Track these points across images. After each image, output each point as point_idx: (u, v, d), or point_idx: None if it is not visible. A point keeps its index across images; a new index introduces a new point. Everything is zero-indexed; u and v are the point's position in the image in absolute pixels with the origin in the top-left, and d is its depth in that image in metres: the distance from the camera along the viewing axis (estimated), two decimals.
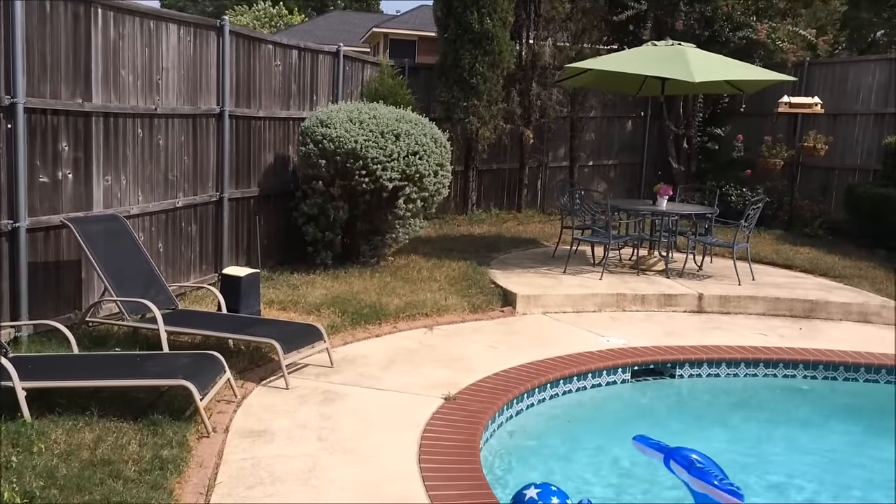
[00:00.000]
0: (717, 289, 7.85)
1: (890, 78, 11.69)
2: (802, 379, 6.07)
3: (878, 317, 7.39)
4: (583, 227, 9.23)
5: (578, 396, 5.56)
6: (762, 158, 11.74)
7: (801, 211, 11.87)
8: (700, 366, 6.03)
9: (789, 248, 10.16)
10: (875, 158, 11.47)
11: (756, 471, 4.63)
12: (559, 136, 13.25)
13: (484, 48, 11.01)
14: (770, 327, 7.07)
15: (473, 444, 4.23)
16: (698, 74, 7.77)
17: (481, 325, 6.72)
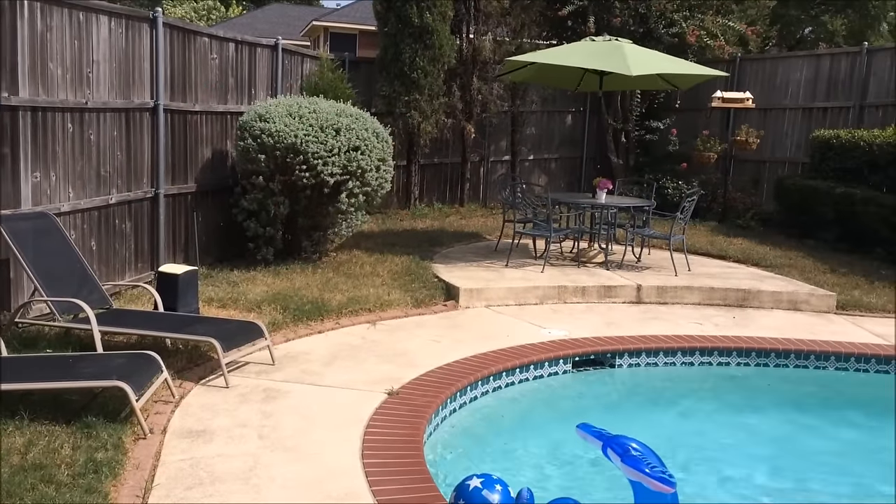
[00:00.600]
0: (654, 280, 8.03)
1: (816, 73, 12.11)
2: (736, 366, 6.25)
3: (807, 304, 7.66)
4: (524, 221, 9.31)
5: (521, 388, 5.62)
6: (697, 152, 12.04)
7: (735, 203, 12.21)
8: (639, 355, 6.16)
9: (723, 239, 10.44)
10: (803, 151, 11.87)
11: (695, 456, 4.76)
12: (500, 131, 13.34)
13: (424, 42, 11.01)
14: (705, 316, 7.25)
15: (417, 438, 4.23)
16: (635, 69, 7.91)
17: (424, 319, 6.73)
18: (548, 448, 4.75)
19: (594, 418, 5.34)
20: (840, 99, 11.77)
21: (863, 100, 11.46)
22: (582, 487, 4.26)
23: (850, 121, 11.49)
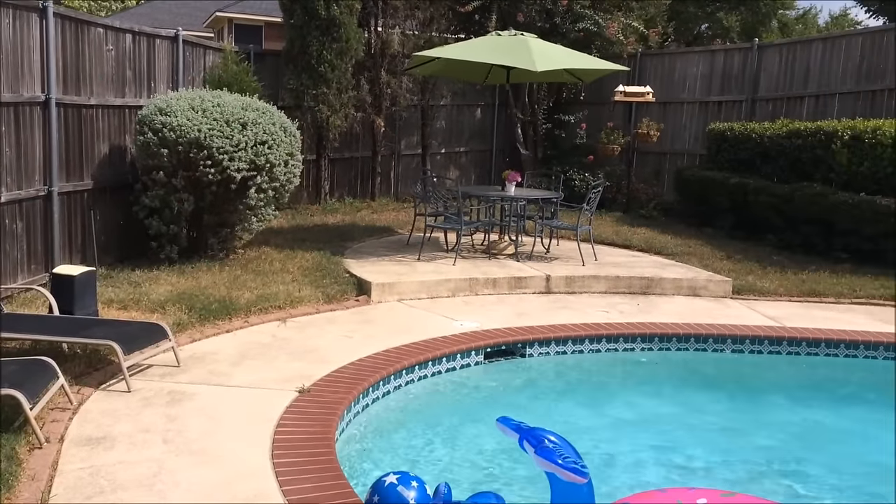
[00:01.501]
0: (563, 270, 8.21)
1: (712, 68, 12.63)
2: (640, 351, 6.47)
3: (706, 290, 8.00)
4: (436, 214, 9.36)
5: (435, 381, 5.65)
6: (602, 145, 12.37)
7: (638, 194, 12.62)
8: (548, 344, 6.29)
9: (627, 229, 10.77)
10: (701, 143, 12.37)
11: (606, 440, 4.90)
12: (411, 124, 13.34)
13: (332, 35, 10.88)
14: (611, 304, 7.47)
15: (329, 435, 4.20)
16: (540, 63, 8.05)
17: (336, 315, 6.67)
18: (464, 440, 4.80)
19: (507, 408, 5.44)
20: (734, 93, 12.32)
21: (754, 94, 12.03)
22: (500, 480, 4.31)
23: (743, 114, 12.05)
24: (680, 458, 4.72)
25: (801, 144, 9.83)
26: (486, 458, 4.55)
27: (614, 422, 5.29)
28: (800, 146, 9.85)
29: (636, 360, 6.39)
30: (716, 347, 6.52)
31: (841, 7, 50.18)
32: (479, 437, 4.82)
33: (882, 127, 8.99)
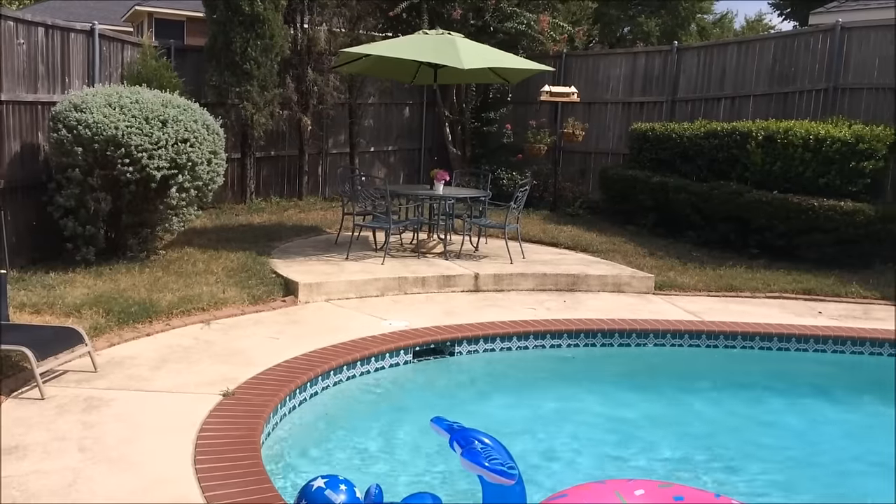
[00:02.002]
0: (491, 268, 8.28)
1: (634, 70, 12.95)
2: (567, 347, 6.58)
3: (630, 286, 8.19)
4: (364, 214, 9.30)
5: (363, 381, 5.62)
6: (529, 144, 12.53)
7: (564, 192, 12.84)
8: (477, 342, 6.33)
9: (554, 227, 10.94)
10: (624, 143, 12.66)
11: (535, 436, 4.96)
12: (339, 123, 13.23)
13: (256, 31, 10.69)
14: (539, 301, 7.57)
15: (254, 439, 4.12)
16: (467, 62, 8.09)
17: (262, 316, 6.56)
18: (395, 440, 4.78)
19: (436, 406, 5.44)
20: (655, 94, 12.66)
21: (674, 95, 12.39)
22: (433, 480, 4.31)
23: (664, 114, 12.39)
24: (610, 450, 4.82)
25: (718, 144, 10.17)
26: (418, 458, 4.54)
27: (544, 417, 5.37)
28: (717, 146, 10.20)
29: (563, 356, 6.50)
30: (639, 342, 6.69)
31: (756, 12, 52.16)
32: (411, 437, 4.82)
33: (793, 128, 9.38)
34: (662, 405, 5.68)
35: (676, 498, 3.03)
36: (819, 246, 9.01)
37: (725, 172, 10.07)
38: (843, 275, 8.60)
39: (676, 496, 3.05)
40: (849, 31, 10.27)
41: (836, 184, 9.02)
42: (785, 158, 9.33)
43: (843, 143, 8.96)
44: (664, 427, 5.25)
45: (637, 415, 5.47)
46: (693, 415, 5.54)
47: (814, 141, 9.11)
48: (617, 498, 3.07)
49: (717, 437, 5.11)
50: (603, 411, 5.52)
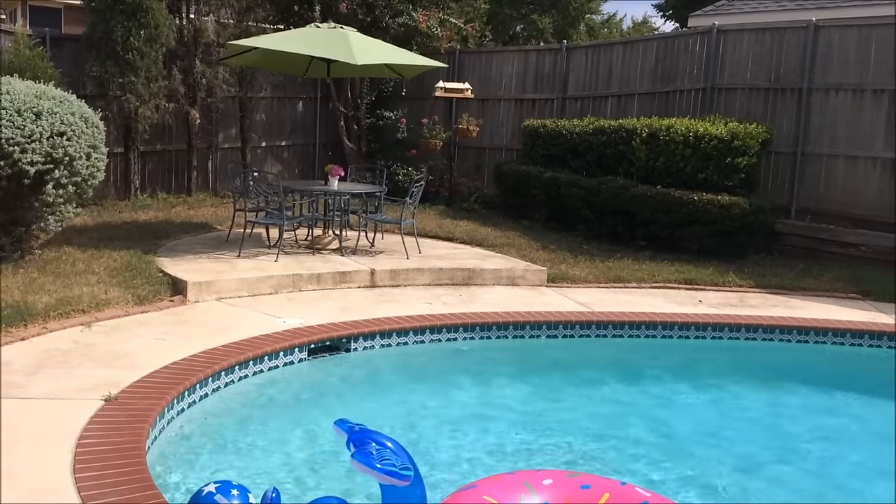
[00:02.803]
0: (387, 263, 8.26)
1: (525, 67, 13.22)
2: (463, 341, 6.65)
3: (524, 279, 8.36)
4: (257, 210, 9.08)
5: (256, 381, 5.49)
6: (424, 139, 12.57)
7: (460, 187, 12.96)
8: (373, 338, 6.30)
9: (450, 222, 11.03)
10: (517, 139, 12.90)
11: (434, 430, 4.98)
12: (229, 117, 12.86)
13: (139, 21, 10.25)
14: (435, 296, 7.62)
15: (139, 445, 3.96)
16: (360, 58, 8.04)
17: (148, 317, 6.30)
18: (291, 441, 4.69)
19: (333, 404, 5.40)
20: (546, 91, 12.96)
21: (564, 92, 12.73)
22: (333, 481, 4.25)
23: (555, 111, 12.71)
24: (508, 440, 4.89)
25: (606, 141, 10.53)
26: (314, 459, 4.48)
27: (442, 411, 5.41)
28: (605, 142, 10.55)
29: (459, 350, 6.56)
30: (532, 334, 6.83)
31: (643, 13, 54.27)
32: (307, 437, 4.75)
33: (674, 125, 9.82)
34: (557, 395, 5.83)
35: (583, 486, 3.12)
36: (699, 237, 9.47)
37: (613, 168, 10.43)
38: (721, 265, 9.07)
39: (583, 485, 3.13)
40: (724, 33, 10.84)
41: (713, 179, 9.50)
42: (667, 154, 9.75)
43: (720, 141, 9.45)
44: (560, 416, 5.40)
45: (533, 405, 5.59)
46: (586, 404, 5.72)
47: (693, 138, 9.57)
48: (525, 488, 3.12)
49: (610, 425, 5.30)
50: (500, 402, 5.61)
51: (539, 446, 4.83)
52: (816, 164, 10.09)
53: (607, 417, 5.44)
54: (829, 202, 9.95)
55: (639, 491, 3.07)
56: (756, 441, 5.14)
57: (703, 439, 5.16)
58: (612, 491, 3.06)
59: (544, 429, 5.13)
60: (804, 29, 10.06)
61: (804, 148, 10.13)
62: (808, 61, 9.99)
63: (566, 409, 5.57)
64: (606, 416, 5.45)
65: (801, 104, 10.09)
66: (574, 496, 3.06)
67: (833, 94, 9.90)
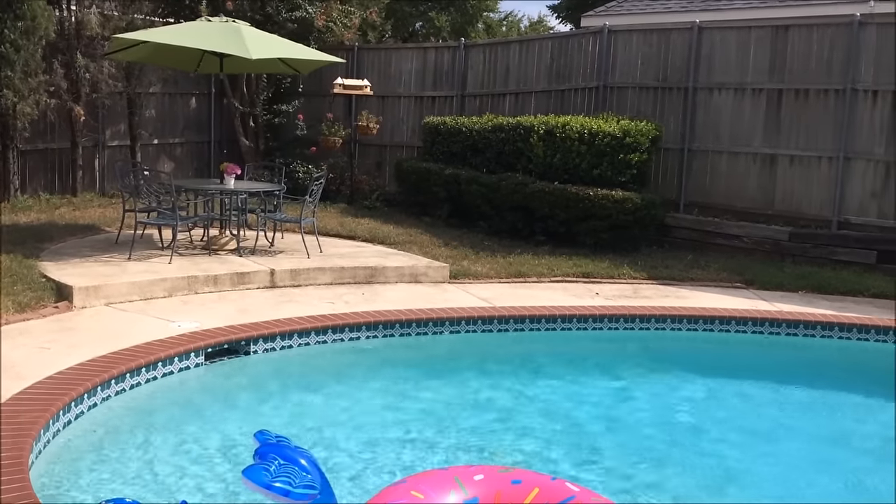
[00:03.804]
0: (288, 263, 8.11)
1: (424, 65, 13.26)
2: (366, 339, 6.60)
3: (426, 276, 8.38)
4: (148, 210, 8.74)
5: (151, 388, 5.28)
6: (323, 136, 12.42)
7: (361, 185, 12.88)
8: (273, 339, 6.17)
9: (352, 220, 10.94)
10: (417, 136, 12.92)
11: (339, 430, 4.92)
12: (117, 114, 12.31)
13: (14, 12, 9.65)
14: (337, 295, 7.54)
15: (22, 461, 3.73)
16: (254, 52, 7.84)
17: (31, 325, 5.95)
18: (189, 450, 4.52)
19: (231, 409, 5.25)
20: (445, 89, 13.04)
21: (463, 90, 12.85)
22: (233, 489, 4.13)
23: (455, 109, 12.80)
24: (415, 440, 4.88)
25: (505, 138, 10.69)
26: (216, 468, 4.33)
27: (347, 410, 5.35)
28: (503, 139, 10.71)
29: (362, 349, 6.51)
30: (436, 330, 6.86)
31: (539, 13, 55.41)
32: (205, 445, 4.59)
33: (570, 123, 10.08)
34: (461, 390, 5.88)
35: (514, 482, 3.14)
36: (595, 232, 9.75)
37: (512, 164, 10.60)
38: (616, 258, 9.38)
39: (514, 480, 3.16)
40: (615, 33, 11.20)
41: (608, 175, 9.80)
42: (563, 151, 9.99)
43: (613, 137, 9.76)
44: (465, 411, 5.44)
45: (438, 401, 5.62)
46: (492, 397, 5.78)
47: (588, 135, 9.84)
48: (456, 483, 3.13)
49: (513, 418, 5.38)
50: (404, 401, 5.61)
51: (445, 441, 4.85)
52: (702, 160, 10.58)
53: (510, 410, 5.52)
54: (715, 196, 10.45)
55: (568, 486, 3.12)
56: (654, 427, 5.34)
57: (604, 426, 5.32)
58: (541, 486, 3.10)
59: (449, 424, 5.16)
60: (689, 30, 10.51)
61: (691, 144, 10.59)
62: (692, 61, 10.45)
63: (471, 404, 5.62)
64: (510, 410, 5.53)
65: (687, 102, 10.55)
66: (505, 491, 3.09)
67: (716, 93, 10.40)
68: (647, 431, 5.24)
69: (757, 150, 10.13)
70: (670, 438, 5.17)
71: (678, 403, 5.90)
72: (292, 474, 2.92)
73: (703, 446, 5.11)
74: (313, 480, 2.97)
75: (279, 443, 3.16)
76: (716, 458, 4.91)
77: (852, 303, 7.91)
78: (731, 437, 5.25)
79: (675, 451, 4.98)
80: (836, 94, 9.50)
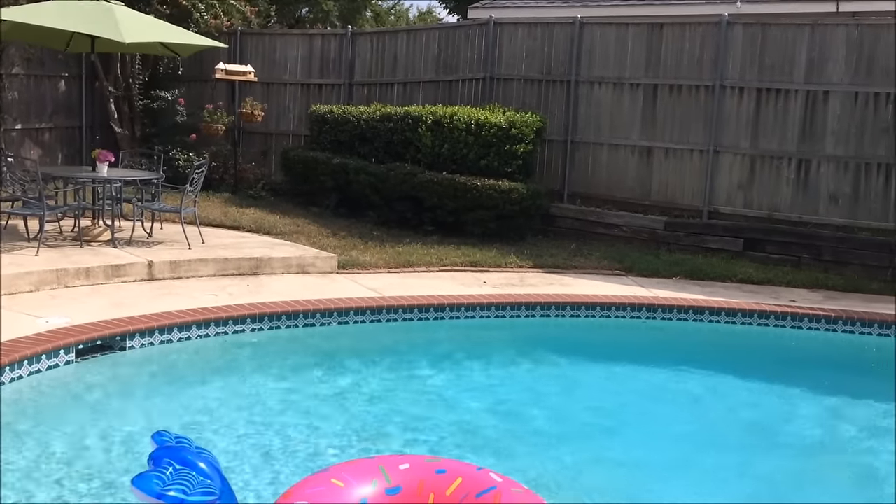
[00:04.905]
0: (167, 255, 7.80)
1: (311, 52, 13.02)
2: (251, 332, 6.44)
3: (314, 267, 8.26)
4: (13, 199, 8.19)
5: (14, 388, 4.96)
6: (205, 123, 11.99)
7: (246, 174, 12.52)
8: (152, 334, 5.93)
9: (236, 210, 10.64)
10: (304, 125, 12.69)
11: (220, 428, 4.77)
12: None
13: None
14: (220, 287, 7.31)
15: None
16: (128, 35, 7.49)
17: None
18: (58, 455, 4.26)
19: (104, 409, 5.00)
20: (332, 77, 12.86)
21: (351, 78, 12.71)
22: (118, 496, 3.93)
23: (343, 97, 12.65)
24: (301, 433, 4.80)
25: (393, 127, 10.65)
26: (91, 471, 4.10)
27: (230, 407, 5.20)
28: (392, 129, 10.67)
29: (247, 342, 6.35)
30: (324, 321, 6.78)
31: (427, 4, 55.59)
32: (77, 448, 4.34)
33: (457, 113, 10.16)
34: (349, 381, 5.84)
35: (439, 471, 3.19)
36: (483, 221, 9.89)
37: (401, 154, 10.59)
38: (503, 247, 9.55)
39: (439, 469, 3.21)
40: (501, 26, 11.36)
41: (494, 165, 9.96)
42: (451, 141, 10.07)
43: (499, 129, 9.92)
44: (355, 402, 5.41)
45: (325, 392, 5.56)
46: (382, 387, 5.77)
47: (475, 126, 9.95)
48: (380, 472, 3.16)
49: (400, 407, 5.39)
50: (290, 393, 5.51)
51: (332, 432, 4.81)
52: (584, 152, 10.91)
53: (399, 400, 5.53)
54: (596, 187, 10.81)
55: (492, 476, 3.18)
56: (545, 410, 5.49)
57: (493, 412, 5.42)
58: (465, 476, 3.17)
59: (338, 416, 5.12)
60: (570, 25, 10.80)
61: (573, 136, 10.91)
62: (574, 56, 10.75)
63: (360, 394, 5.58)
64: (398, 399, 5.55)
65: (570, 95, 10.84)
66: (428, 480, 3.15)
67: (597, 87, 10.75)
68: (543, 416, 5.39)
69: (635, 143, 10.54)
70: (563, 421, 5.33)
71: (565, 387, 6.09)
72: (189, 480, 2.80)
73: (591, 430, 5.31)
74: (213, 486, 2.87)
75: (179, 445, 3.04)
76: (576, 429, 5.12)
77: (721, 288, 8.39)
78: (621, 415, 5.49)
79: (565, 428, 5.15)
80: (707, 90, 10.01)
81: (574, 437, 5.09)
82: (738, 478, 4.62)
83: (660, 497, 4.32)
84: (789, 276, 8.78)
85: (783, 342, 7.27)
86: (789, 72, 9.53)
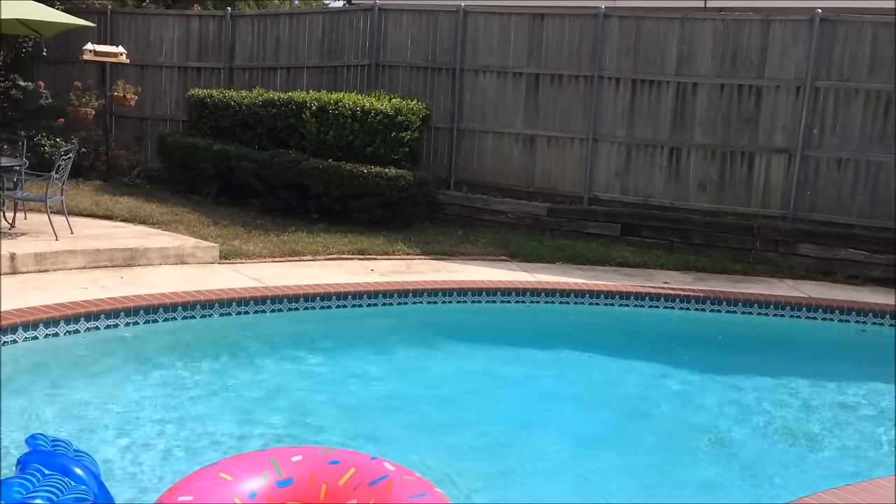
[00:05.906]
0: (31, 247, 7.33)
1: (188, 33, 12.51)
2: (126, 326, 6.15)
3: (194, 257, 7.97)
4: None
5: None
6: (73, 107, 11.33)
7: (119, 161, 11.92)
8: (14, 331, 5.57)
9: (109, 199, 10.11)
10: (182, 109, 12.19)
11: (95, 431, 4.54)
12: None
13: None
14: (91, 279, 6.94)
15: None
16: None
17: None
18: None
19: None
20: (211, 60, 12.41)
21: (231, 62, 12.31)
22: None
23: (223, 82, 12.23)
24: (177, 433, 4.63)
25: (277, 113, 10.41)
26: None
27: (104, 408, 4.95)
28: (275, 115, 10.42)
29: (121, 337, 6.07)
30: (204, 314, 6.56)
31: None
32: None
33: (342, 100, 10.03)
34: (231, 374, 5.68)
35: (332, 462, 3.19)
36: (370, 209, 9.83)
37: (285, 141, 10.36)
38: (391, 234, 9.53)
39: (332, 460, 3.20)
40: (386, 12, 11.28)
41: (380, 152, 9.91)
42: (337, 128, 9.94)
43: (385, 116, 9.87)
44: (238, 395, 5.27)
45: (208, 387, 5.39)
46: (267, 379, 5.65)
47: (361, 112, 9.86)
48: (272, 465, 3.14)
49: (284, 396, 5.30)
50: (173, 390, 5.31)
51: (216, 429, 4.67)
52: (470, 139, 11.03)
53: (281, 390, 5.43)
54: (482, 174, 10.95)
55: (386, 465, 3.18)
56: (431, 396, 5.53)
57: (381, 402, 5.41)
58: (358, 466, 3.17)
59: (221, 410, 4.97)
60: (455, 13, 10.86)
61: (459, 124, 11.00)
62: (459, 44, 10.82)
63: (243, 386, 5.45)
64: (282, 389, 5.45)
65: (455, 83, 10.92)
66: (321, 471, 3.14)
67: (481, 75, 10.87)
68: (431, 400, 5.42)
69: (519, 131, 10.74)
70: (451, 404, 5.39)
71: (453, 372, 6.16)
72: (59, 486, 2.64)
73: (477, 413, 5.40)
74: (87, 491, 2.71)
75: (55, 449, 2.86)
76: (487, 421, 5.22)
77: (601, 272, 8.71)
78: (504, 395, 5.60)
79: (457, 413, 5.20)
80: (586, 80, 10.31)
81: (457, 420, 5.16)
82: (609, 443, 4.85)
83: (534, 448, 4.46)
84: (662, 260, 9.21)
85: (657, 321, 7.64)
86: (661, 64, 9.95)
